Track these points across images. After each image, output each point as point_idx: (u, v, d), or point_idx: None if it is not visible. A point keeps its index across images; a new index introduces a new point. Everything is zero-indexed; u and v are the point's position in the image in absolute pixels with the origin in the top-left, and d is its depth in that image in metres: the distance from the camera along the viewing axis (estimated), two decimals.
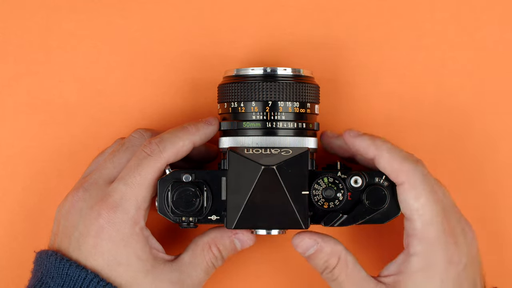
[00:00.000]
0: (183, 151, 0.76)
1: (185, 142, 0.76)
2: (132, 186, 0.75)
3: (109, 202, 0.74)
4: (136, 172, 0.75)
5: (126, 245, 0.74)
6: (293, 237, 0.77)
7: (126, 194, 0.74)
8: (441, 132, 0.86)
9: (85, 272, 0.73)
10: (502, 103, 0.86)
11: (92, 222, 0.74)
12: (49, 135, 0.85)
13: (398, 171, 0.75)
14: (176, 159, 0.76)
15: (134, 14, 0.85)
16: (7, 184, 0.85)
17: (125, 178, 0.75)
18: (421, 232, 0.75)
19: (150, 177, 0.75)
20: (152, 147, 0.75)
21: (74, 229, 0.75)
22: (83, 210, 0.75)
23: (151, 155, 0.75)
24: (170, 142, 0.76)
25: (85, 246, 0.74)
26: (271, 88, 0.76)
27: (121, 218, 0.74)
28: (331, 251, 0.76)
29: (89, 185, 0.76)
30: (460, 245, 0.76)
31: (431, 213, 0.75)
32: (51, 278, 0.74)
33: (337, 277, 0.76)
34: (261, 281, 0.86)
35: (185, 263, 0.77)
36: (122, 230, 0.74)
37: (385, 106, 0.85)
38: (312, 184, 0.75)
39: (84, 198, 0.76)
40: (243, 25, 0.85)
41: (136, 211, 0.74)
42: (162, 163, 0.75)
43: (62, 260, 0.74)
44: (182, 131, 0.77)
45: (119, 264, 0.74)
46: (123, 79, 0.85)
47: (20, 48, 0.85)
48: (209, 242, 0.77)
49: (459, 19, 0.86)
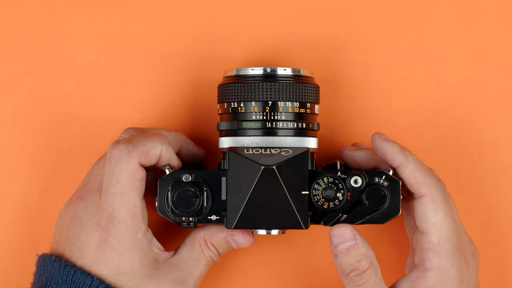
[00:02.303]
0: (153, 153, 0.75)
1: (155, 144, 0.75)
2: (116, 196, 0.74)
3: (105, 215, 0.74)
4: (114, 180, 0.74)
5: (129, 255, 0.74)
6: (333, 227, 0.75)
7: (116, 205, 0.74)
8: (442, 132, 0.86)
9: (90, 279, 0.73)
10: (503, 103, 0.86)
11: (93, 233, 0.74)
12: (49, 135, 0.85)
13: (421, 183, 0.76)
14: (148, 160, 0.74)
15: (134, 14, 0.85)
16: (7, 184, 0.85)
17: (107, 189, 0.74)
18: (437, 247, 0.75)
19: (128, 181, 0.74)
20: (120, 147, 0.74)
21: (76, 239, 0.75)
22: (83, 221, 0.75)
23: (120, 156, 0.74)
24: (139, 142, 0.74)
25: (88, 256, 0.74)
26: (271, 88, 0.76)
27: (119, 229, 0.74)
28: (366, 253, 0.75)
29: (86, 194, 0.76)
30: (470, 266, 0.77)
31: (448, 229, 0.75)
32: (55, 284, 0.74)
33: (365, 282, 0.74)
34: (261, 281, 0.86)
35: (185, 259, 0.77)
36: (124, 240, 0.74)
37: (385, 106, 0.85)
38: (312, 184, 0.75)
39: (83, 209, 0.75)
40: (243, 25, 0.85)
41: (132, 218, 0.74)
42: (133, 163, 0.74)
43: (67, 266, 0.74)
44: (154, 134, 0.76)
45: (123, 274, 0.74)
46: (123, 79, 0.85)
47: (20, 48, 0.85)
48: (205, 238, 0.77)
49: (459, 19, 0.86)
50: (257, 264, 0.86)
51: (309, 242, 0.86)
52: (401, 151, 0.76)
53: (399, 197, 0.76)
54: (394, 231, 0.85)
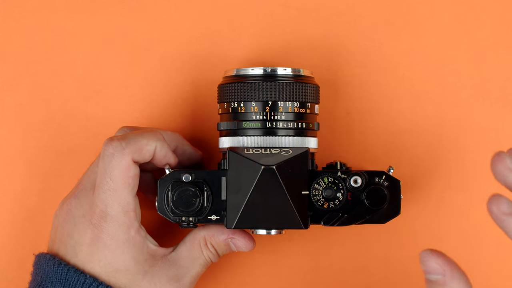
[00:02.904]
0: (147, 150, 0.74)
1: (149, 141, 0.75)
2: (109, 192, 0.73)
3: (97, 212, 0.74)
4: (107, 177, 0.74)
5: (123, 252, 0.74)
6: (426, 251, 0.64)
7: (108, 202, 0.74)
8: (441, 132, 0.86)
9: (83, 277, 0.73)
10: (503, 103, 0.86)
11: (86, 231, 0.74)
12: (49, 135, 0.85)
13: None
14: (142, 157, 0.74)
15: (134, 14, 0.85)
16: (7, 184, 0.85)
17: (100, 186, 0.74)
18: None
19: (121, 178, 0.73)
20: (114, 144, 0.74)
21: (69, 237, 0.75)
22: (76, 219, 0.75)
23: (114, 153, 0.73)
24: (132, 139, 0.74)
25: (82, 254, 0.74)
26: (271, 88, 0.76)
27: (112, 226, 0.74)
28: None
29: (79, 192, 0.76)
30: None
31: None
32: (50, 282, 0.74)
33: None
34: (260, 281, 0.86)
35: (183, 257, 0.77)
36: (116, 237, 0.74)
37: (385, 106, 0.85)
38: (312, 184, 0.75)
39: (76, 206, 0.75)
40: (243, 25, 0.85)
41: (125, 215, 0.74)
42: (127, 160, 0.73)
43: (60, 264, 0.74)
44: (148, 131, 0.76)
45: (116, 271, 0.74)
46: (123, 79, 0.85)
47: (20, 48, 0.85)
48: (206, 238, 0.77)
49: (459, 19, 0.86)
50: (257, 264, 0.86)
51: (309, 242, 0.86)
52: None
53: (399, 197, 0.76)
54: (394, 231, 0.85)
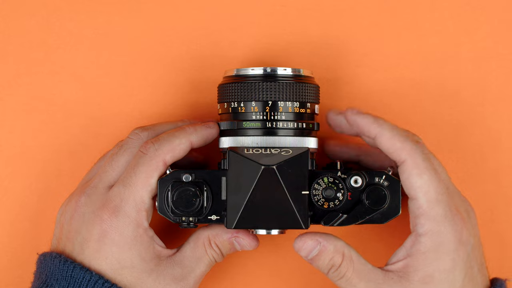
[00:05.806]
0: (180, 150, 0.76)
1: (182, 140, 0.76)
2: (129, 187, 0.74)
3: (110, 207, 0.74)
4: (132, 172, 0.75)
5: (130, 248, 0.74)
6: (295, 241, 0.76)
7: (125, 196, 0.74)
8: (442, 132, 0.86)
9: (89, 274, 0.73)
10: (503, 103, 0.86)
11: (94, 227, 0.74)
12: (49, 135, 0.85)
13: (400, 149, 0.75)
14: (174, 157, 0.76)
15: (134, 14, 0.85)
16: (7, 184, 0.85)
17: (123, 180, 0.75)
18: (427, 210, 0.74)
19: (145, 176, 0.75)
20: (148, 146, 0.75)
21: (77, 234, 0.75)
22: (86, 215, 0.75)
23: (146, 154, 0.75)
24: (166, 140, 0.76)
25: (89, 250, 0.74)
26: (271, 88, 0.76)
27: (122, 222, 0.74)
28: (334, 248, 0.75)
29: (90, 190, 0.76)
30: (467, 225, 0.75)
31: (436, 190, 0.74)
32: (55, 280, 0.74)
33: (344, 274, 0.75)
34: (260, 281, 0.86)
35: (187, 257, 0.77)
36: (125, 233, 0.74)
37: (385, 106, 0.85)
38: (312, 184, 0.75)
39: (86, 203, 0.76)
40: (243, 25, 0.85)
41: (137, 213, 0.74)
42: (158, 160, 0.75)
43: (66, 262, 0.74)
44: (179, 130, 0.77)
45: (123, 268, 0.74)
46: (123, 79, 0.85)
47: (20, 48, 0.85)
48: (210, 238, 0.77)
49: (459, 19, 0.86)
50: (257, 264, 0.86)
51: None
52: (374, 121, 0.75)
53: (399, 197, 0.76)
54: (394, 231, 0.85)
